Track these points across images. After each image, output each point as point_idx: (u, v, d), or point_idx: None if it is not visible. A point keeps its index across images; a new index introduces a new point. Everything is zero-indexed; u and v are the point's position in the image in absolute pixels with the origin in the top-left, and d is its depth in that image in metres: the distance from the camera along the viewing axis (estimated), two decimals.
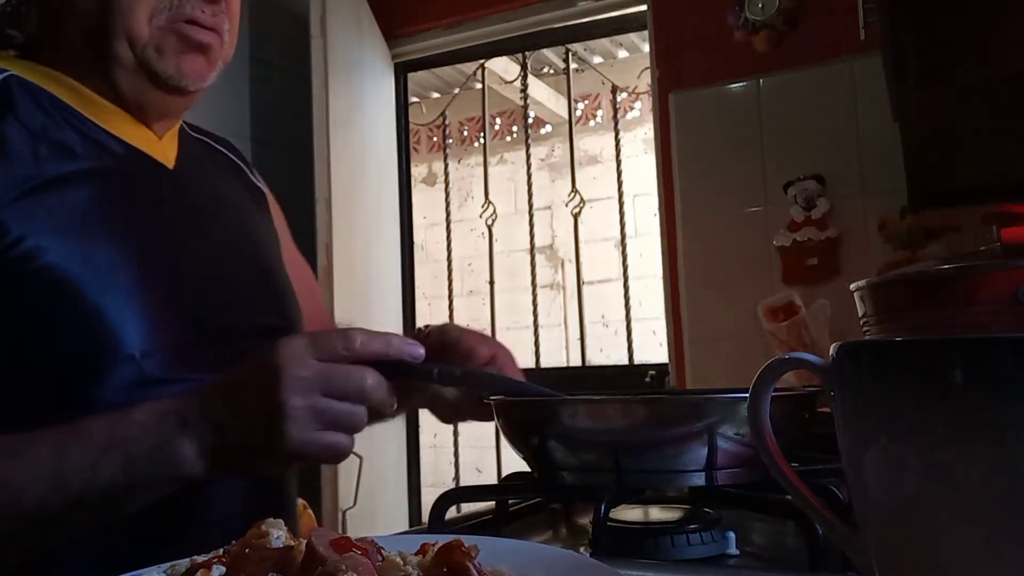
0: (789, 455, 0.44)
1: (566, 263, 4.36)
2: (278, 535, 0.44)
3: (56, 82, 0.79)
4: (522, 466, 0.76)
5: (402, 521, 2.86)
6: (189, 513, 0.74)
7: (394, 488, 2.87)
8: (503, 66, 3.54)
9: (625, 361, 3.05)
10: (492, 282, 3.31)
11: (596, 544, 0.59)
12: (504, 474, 0.95)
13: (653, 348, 3.29)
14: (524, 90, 3.27)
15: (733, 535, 0.63)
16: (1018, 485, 0.32)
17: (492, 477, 3.37)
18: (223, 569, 0.42)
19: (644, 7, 2.57)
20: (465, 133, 4.73)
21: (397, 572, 0.41)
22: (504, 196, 4.12)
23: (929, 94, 1.17)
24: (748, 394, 0.43)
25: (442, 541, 0.44)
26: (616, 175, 3.11)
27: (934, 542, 0.35)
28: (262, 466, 0.67)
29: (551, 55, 3.77)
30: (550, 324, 4.11)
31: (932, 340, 0.35)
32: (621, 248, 3.12)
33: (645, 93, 3.58)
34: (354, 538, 0.43)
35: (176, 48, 0.79)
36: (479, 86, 3.37)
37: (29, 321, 0.70)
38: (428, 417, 0.93)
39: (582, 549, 0.61)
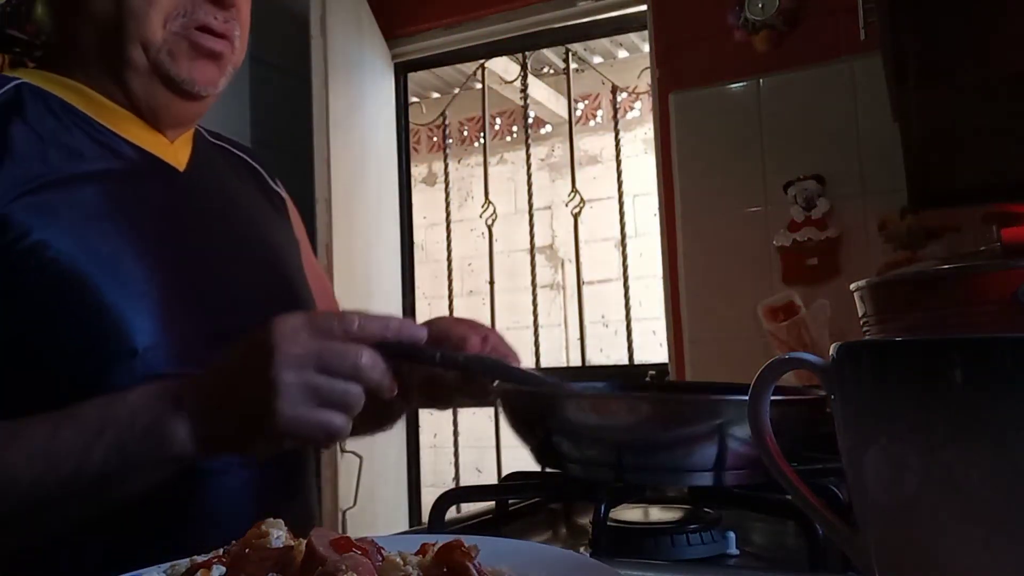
0: (795, 456, 0.44)
1: (566, 263, 4.36)
2: (278, 535, 0.44)
3: (68, 89, 0.80)
4: (522, 466, 0.76)
5: (402, 521, 2.86)
6: (201, 512, 0.74)
7: (394, 488, 2.87)
8: (503, 66, 3.54)
9: (625, 361, 3.05)
10: (492, 282, 3.31)
11: (596, 544, 0.59)
12: (504, 474, 0.94)
13: (653, 348, 3.29)
14: (524, 90, 3.26)
15: (733, 535, 0.63)
16: (1018, 485, 0.32)
17: (492, 477, 3.37)
18: (223, 569, 0.42)
19: (644, 7, 2.57)
20: (465, 133, 4.73)
21: (397, 572, 0.41)
22: (504, 196, 4.12)
23: (929, 94, 1.17)
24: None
25: (442, 541, 0.44)
26: (616, 175, 3.11)
27: (934, 542, 0.35)
28: (254, 446, 0.66)
29: (551, 55, 3.77)
30: (550, 324, 4.11)
31: (932, 340, 0.35)
32: (621, 248, 3.12)
33: (645, 93, 3.58)
34: (354, 538, 0.43)
35: (189, 54, 0.80)
36: (479, 86, 3.37)
37: (35, 315, 0.70)
38: (428, 417, 0.93)
39: (582, 549, 0.61)
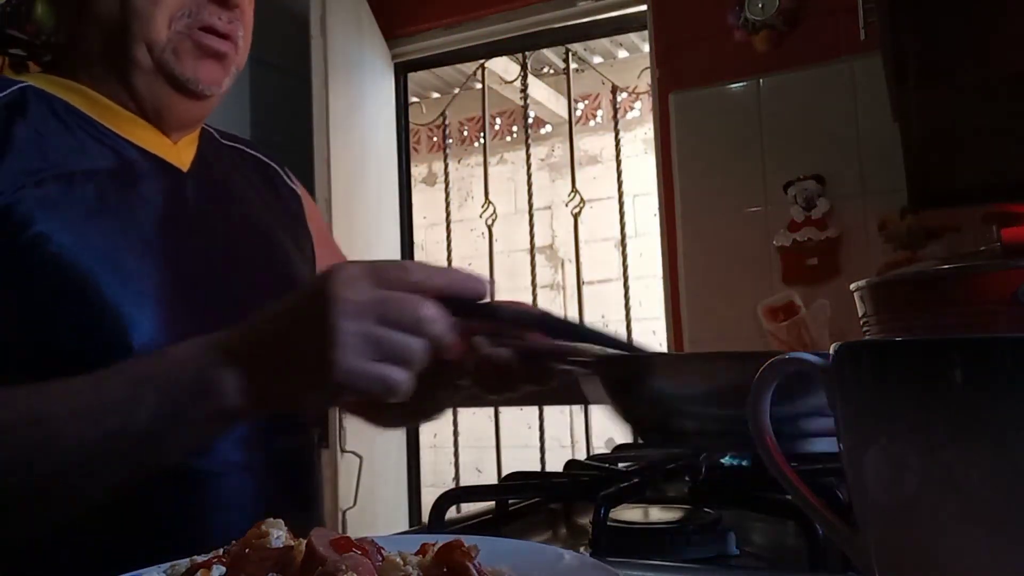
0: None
1: (566, 263, 4.36)
2: (278, 535, 0.44)
3: (73, 92, 0.80)
4: (522, 466, 0.76)
5: (402, 521, 2.86)
6: (201, 513, 0.73)
7: (394, 488, 2.87)
8: (503, 66, 3.54)
9: None
10: (492, 282, 3.30)
11: (596, 544, 0.59)
12: (504, 474, 0.95)
13: (653, 348, 3.29)
14: (524, 90, 3.26)
15: (733, 535, 0.63)
16: (1018, 485, 0.32)
17: (492, 477, 3.37)
18: (223, 569, 0.42)
19: (644, 7, 2.57)
20: (465, 133, 4.73)
21: (397, 572, 0.41)
22: (504, 196, 4.12)
23: (929, 94, 1.17)
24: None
25: (442, 541, 0.44)
26: (616, 175, 3.11)
27: (934, 542, 0.35)
28: (308, 399, 0.63)
29: (551, 55, 3.77)
30: None
31: (932, 340, 0.35)
32: (621, 248, 3.12)
33: (645, 93, 3.57)
34: (354, 538, 0.43)
35: (193, 53, 0.80)
36: (479, 86, 3.37)
37: (34, 307, 0.69)
38: None
39: (582, 549, 0.61)
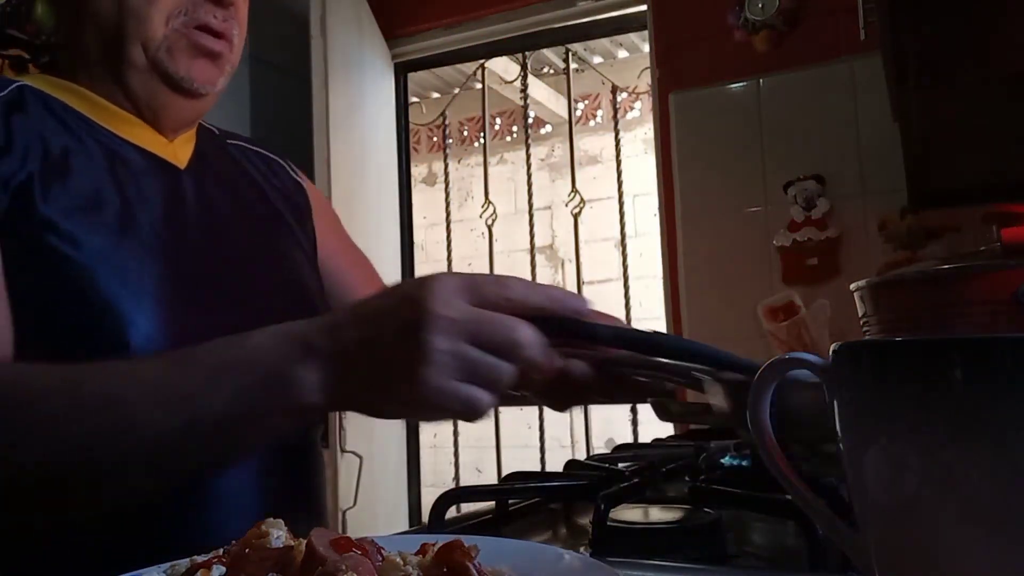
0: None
1: (566, 263, 4.36)
2: (278, 535, 0.44)
3: (70, 92, 0.81)
4: (522, 466, 0.76)
5: (402, 521, 2.86)
6: (201, 513, 0.73)
7: (394, 488, 2.87)
8: (503, 66, 3.54)
9: None
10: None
11: (596, 544, 0.59)
12: (504, 474, 0.94)
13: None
14: (524, 90, 3.27)
15: (733, 535, 0.63)
16: (1018, 485, 0.32)
17: (492, 477, 3.37)
18: (223, 569, 0.42)
19: (644, 7, 2.57)
20: (465, 133, 4.73)
21: (397, 572, 0.41)
22: (504, 196, 4.12)
23: (929, 94, 1.17)
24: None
25: (442, 541, 0.44)
26: (616, 175, 3.11)
27: (934, 542, 0.35)
28: (390, 409, 0.62)
29: (551, 55, 3.77)
30: None
31: (932, 340, 0.35)
32: (621, 248, 3.12)
33: (645, 93, 3.58)
34: (354, 538, 0.43)
35: (188, 52, 0.80)
36: (479, 86, 3.37)
37: (32, 299, 0.69)
38: None
39: (582, 549, 0.61)
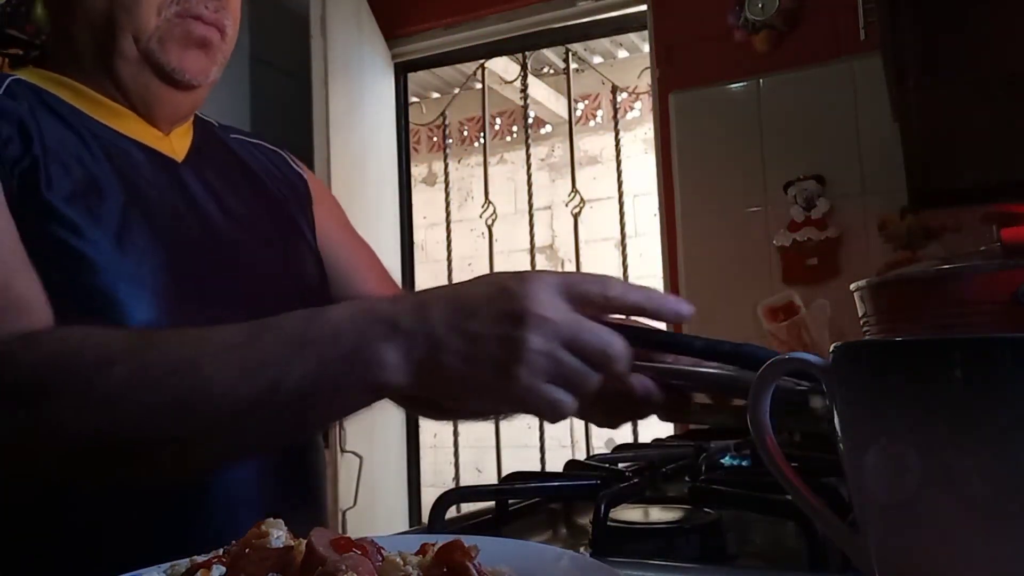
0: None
1: (566, 263, 4.36)
2: (278, 535, 0.44)
3: (63, 86, 0.81)
4: (522, 466, 0.75)
5: (402, 521, 2.86)
6: (202, 513, 0.73)
7: (394, 488, 2.87)
8: (503, 66, 3.54)
9: None
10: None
11: (596, 544, 0.59)
12: (504, 474, 0.94)
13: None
14: (524, 90, 3.26)
15: (733, 535, 0.63)
16: (1018, 485, 0.32)
17: (492, 477, 3.37)
18: (223, 569, 0.42)
19: (644, 7, 2.57)
20: (465, 133, 4.73)
21: (397, 572, 0.41)
22: (504, 196, 4.12)
23: (929, 94, 1.17)
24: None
25: (442, 541, 0.44)
26: (616, 175, 3.11)
27: (934, 542, 0.35)
28: (474, 400, 0.61)
29: (551, 55, 3.77)
30: None
31: (932, 340, 0.35)
32: (621, 248, 3.12)
33: (645, 93, 3.58)
34: (354, 538, 0.43)
35: (179, 42, 0.80)
36: (479, 86, 3.37)
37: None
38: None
39: (582, 549, 0.61)
